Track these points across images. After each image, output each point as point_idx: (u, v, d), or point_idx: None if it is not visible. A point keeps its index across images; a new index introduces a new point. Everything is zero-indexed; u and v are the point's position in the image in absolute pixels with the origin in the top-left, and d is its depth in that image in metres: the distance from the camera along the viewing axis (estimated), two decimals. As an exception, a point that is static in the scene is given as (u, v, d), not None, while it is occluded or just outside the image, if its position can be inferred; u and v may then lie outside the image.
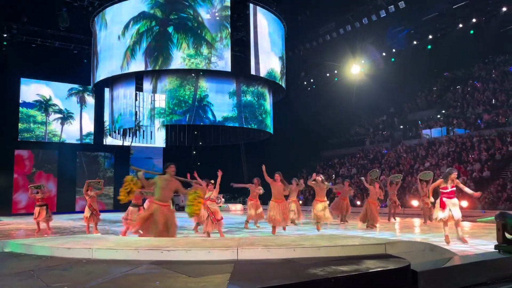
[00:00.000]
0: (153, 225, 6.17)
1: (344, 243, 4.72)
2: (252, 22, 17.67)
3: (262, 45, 18.34)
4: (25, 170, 23.03)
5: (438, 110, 24.49)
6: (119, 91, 18.70)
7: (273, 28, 19.02)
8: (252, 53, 17.73)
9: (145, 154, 27.11)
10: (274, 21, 19.22)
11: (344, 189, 13.58)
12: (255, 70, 17.99)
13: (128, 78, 18.32)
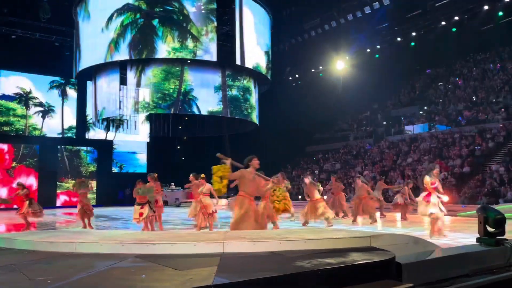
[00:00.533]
0: (246, 220, 6.08)
1: (330, 236, 4.75)
2: (238, 16, 17.58)
3: (248, 39, 18.28)
4: (5, 164, 22.55)
5: (420, 107, 24.84)
6: (102, 82, 18.39)
7: (259, 22, 18.97)
8: (237, 45, 17.65)
9: (129, 149, 26.81)
10: (260, 15, 19.15)
11: (332, 185, 13.55)
12: (240, 61, 17.90)
13: (111, 68, 18.02)
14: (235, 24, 17.66)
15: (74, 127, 25.00)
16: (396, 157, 21.80)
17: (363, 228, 10.23)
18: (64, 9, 19.85)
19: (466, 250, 4.67)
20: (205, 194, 9.31)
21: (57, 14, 19.97)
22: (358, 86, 25.30)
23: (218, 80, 18.90)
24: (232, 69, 18.83)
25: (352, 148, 25.53)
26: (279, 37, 25.11)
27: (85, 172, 25.24)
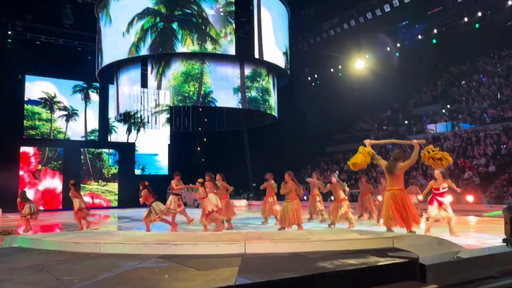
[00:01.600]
0: (394, 211, 6.39)
1: (352, 237, 4.73)
2: (256, 17, 17.62)
3: (266, 40, 18.29)
4: (31, 167, 23.15)
5: (443, 105, 24.38)
6: (124, 79, 18.76)
7: (277, 22, 18.94)
8: (256, 46, 17.67)
9: (150, 151, 27.19)
10: (278, 13, 19.07)
11: (362, 186, 13.35)
12: (259, 56, 17.92)
13: (133, 65, 18.30)
14: (254, 26, 17.70)
15: (96, 130, 25.49)
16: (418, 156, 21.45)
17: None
18: (86, 15, 20.25)
19: (492, 251, 4.57)
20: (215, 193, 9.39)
21: (79, 20, 20.40)
22: (378, 85, 24.99)
23: (237, 82, 18.97)
24: (251, 69, 18.83)
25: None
26: (298, 37, 25.05)
27: (107, 174, 25.71)
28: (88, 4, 19.92)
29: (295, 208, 9.03)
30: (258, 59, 18.15)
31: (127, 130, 26.53)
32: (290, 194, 9.13)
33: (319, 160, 27.49)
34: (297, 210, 9.04)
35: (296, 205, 9.08)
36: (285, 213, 9.08)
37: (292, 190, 9.12)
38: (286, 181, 9.12)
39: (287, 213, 9.03)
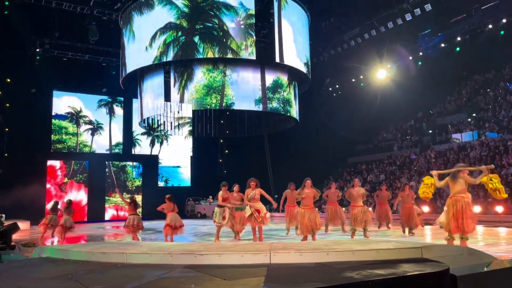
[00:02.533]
0: (451, 217, 6.92)
1: (379, 247, 4.63)
2: (277, 30, 17.73)
3: (287, 51, 18.34)
4: (57, 180, 23.68)
5: (468, 114, 23.87)
6: (147, 86, 19.12)
7: (298, 34, 18.98)
8: (277, 53, 17.73)
9: (173, 163, 27.49)
10: (299, 22, 19.11)
11: (381, 194, 13.23)
12: (279, 59, 17.96)
13: (156, 72, 18.63)
14: (275, 38, 17.79)
15: (121, 143, 25.96)
16: (443, 166, 21.00)
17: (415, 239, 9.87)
18: (111, 31, 20.82)
19: (526, 262, 4.42)
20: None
21: (104, 36, 20.99)
22: (401, 95, 24.68)
23: (259, 93, 19.07)
24: (272, 79, 18.86)
25: (397, 158, 24.85)
26: (319, 48, 25.07)
27: (131, 186, 26.06)
28: (113, 21, 20.46)
29: (315, 215, 9.23)
30: (278, 63, 18.18)
31: (151, 143, 26.92)
32: (309, 201, 9.20)
33: (342, 170, 27.23)
34: (317, 217, 9.27)
35: (315, 212, 9.36)
36: (306, 220, 9.16)
37: (311, 197, 9.21)
38: (306, 187, 9.24)
39: (308, 221, 9.12)
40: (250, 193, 9.27)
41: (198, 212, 25.04)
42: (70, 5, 19.12)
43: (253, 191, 9.25)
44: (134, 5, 17.79)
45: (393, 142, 26.99)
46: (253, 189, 9.25)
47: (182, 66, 17.64)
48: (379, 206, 13.08)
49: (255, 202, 9.25)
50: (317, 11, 21.54)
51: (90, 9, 19.58)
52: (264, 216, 9.28)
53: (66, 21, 20.57)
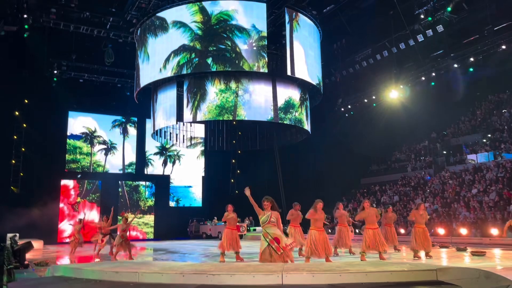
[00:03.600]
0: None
1: (393, 269, 4.56)
2: (289, 51, 17.91)
3: (299, 68, 18.45)
4: (70, 200, 23.89)
5: (483, 134, 23.58)
6: (161, 99, 19.34)
7: (310, 50, 19.11)
8: (288, 70, 17.84)
9: (185, 183, 27.57)
10: (311, 42, 19.26)
11: (387, 216, 13.09)
12: (291, 73, 18.03)
13: (170, 90, 18.86)
14: (286, 59, 17.93)
15: (134, 163, 26.19)
16: (459, 188, 20.68)
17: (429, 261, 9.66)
18: (126, 53, 21.29)
19: (546, 285, 4.29)
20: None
21: (119, 58, 21.47)
22: (414, 115, 24.53)
23: (271, 114, 19.19)
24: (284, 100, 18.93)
25: (411, 179, 24.55)
26: (331, 69, 25.22)
27: (144, 206, 26.14)
28: (128, 43, 20.94)
29: (325, 237, 9.01)
30: (290, 76, 18.28)
31: (163, 163, 27.13)
32: (319, 223, 9.04)
33: (355, 191, 26.98)
34: (327, 240, 9.02)
35: (325, 234, 9.08)
36: (317, 243, 8.89)
37: (322, 219, 9.08)
38: (318, 209, 8.97)
39: (319, 243, 8.87)
40: (263, 215, 6.98)
41: (203, 232, 25.01)
42: (87, 29, 19.66)
43: (268, 213, 6.98)
44: (149, 27, 18.17)
45: (406, 163, 26.71)
46: (268, 211, 7.00)
47: (196, 87, 17.87)
48: (384, 228, 12.85)
49: (271, 228, 6.87)
50: (329, 32, 21.77)
51: (106, 32, 20.09)
52: (287, 247, 6.83)
53: (83, 44, 21.14)
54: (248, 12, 17.08)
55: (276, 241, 6.74)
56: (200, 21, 16.97)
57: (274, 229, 6.92)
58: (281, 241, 6.80)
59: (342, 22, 22.28)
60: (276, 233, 6.88)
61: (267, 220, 6.98)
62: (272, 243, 6.73)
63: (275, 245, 6.70)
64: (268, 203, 7.14)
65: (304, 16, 18.65)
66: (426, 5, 18.42)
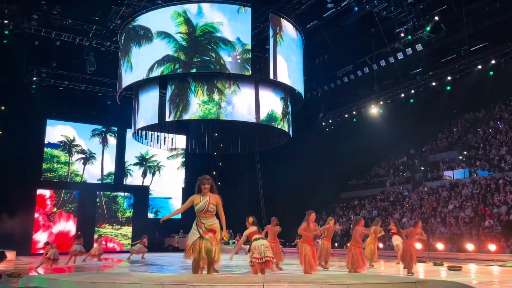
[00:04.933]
0: None
1: (373, 281, 4.58)
2: (272, 64, 18.05)
3: (281, 74, 18.59)
4: (46, 210, 23.30)
5: (459, 152, 24.14)
6: (143, 98, 19.09)
7: (293, 68, 19.30)
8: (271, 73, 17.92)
9: (164, 194, 27.26)
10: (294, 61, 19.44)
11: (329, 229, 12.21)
12: (273, 77, 18.01)
13: (152, 85, 18.68)
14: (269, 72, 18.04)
15: (113, 173, 25.80)
16: (436, 203, 21.04)
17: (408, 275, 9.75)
18: (108, 62, 21.07)
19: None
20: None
21: (101, 67, 21.24)
22: (393, 131, 24.99)
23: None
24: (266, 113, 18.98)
25: (389, 194, 24.88)
26: (312, 84, 25.53)
27: (122, 217, 25.69)
28: (110, 53, 20.77)
29: (313, 251, 8.94)
30: (273, 88, 18.31)
31: (143, 174, 26.81)
32: (312, 237, 9.00)
33: (335, 205, 27.15)
34: (314, 254, 8.96)
35: (313, 248, 9.01)
36: (310, 259, 8.70)
37: (314, 233, 9.09)
38: (310, 221, 8.87)
39: (311, 258, 8.73)
40: (199, 202, 6.03)
41: (169, 245, 25.29)
42: (69, 36, 19.45)
43: (205, 198, 6.04)
44: (133, 36, 18.09)
45: (385, 178, 27.08)
46: (206, 195, 6.05)
47: (178, 97, 17.80)
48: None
49: (209, 218, 6.07)
50: (311, 48, 22.07)
51: (88, 40, 19.90)
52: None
53: (64, 51, 20.86)
54: (233, 25, 17.20)
55: (212, 233, 5.92)
56: (185, 32, 16.99)
57: (212, 220, 6.03)
58: (217, 233, 5.96)
59: (324, 38, 22.66)
60: (214, 225, 6.01)
61: (205, 208, 5.97)
62: (206, 234, 5.85)
63: (209, 236, 5.84)
64: (207, 185, 6.04)
65: (288, 30, 18.84)
66: (406, 24, 18.89)
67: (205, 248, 5.75)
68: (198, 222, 5.98)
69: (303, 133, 25.73)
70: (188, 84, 17.87)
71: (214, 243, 5.81)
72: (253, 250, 7.75)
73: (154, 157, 26.98)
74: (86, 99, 23.43)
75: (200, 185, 6.09)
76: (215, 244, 5.82)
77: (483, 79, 21.25)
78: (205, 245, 5.77)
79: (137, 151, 26.50)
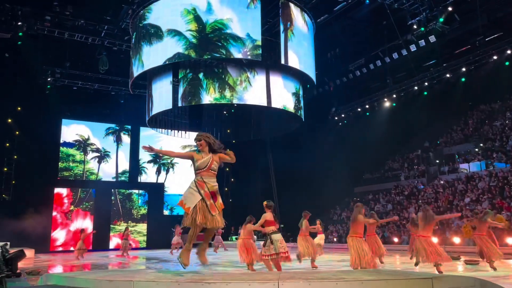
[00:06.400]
0: None
1: (388, 277, 4.56)
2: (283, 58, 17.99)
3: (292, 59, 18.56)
4: (63, 208, 23.67)
5: (476, 144, 23.78)
6: (157, 85, 19.32)
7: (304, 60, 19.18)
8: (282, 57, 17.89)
9: (179, 191, 27.43)
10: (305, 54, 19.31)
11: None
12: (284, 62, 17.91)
13: (165, 73, 18.87)
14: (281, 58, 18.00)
15: (127, 171, 26.05)
16: (452, 197, 20.79)
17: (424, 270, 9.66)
18: (120, 61, 21.26)
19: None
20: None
21: (113, 66, 21.44)
22: (407, 124, 24.71)
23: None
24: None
25: (404, 188, 24.65)
26: (324, 78, 25.38)
27: (137, 215, 25.96)
28: (122, 52, 20.93)
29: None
30: (284, 65, 18.12)
31: (157, 171, 27.02)
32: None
33: (349, 200, 27.02)
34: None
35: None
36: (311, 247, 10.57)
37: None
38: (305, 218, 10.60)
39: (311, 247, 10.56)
40: (200, 159, 5.38)
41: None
42: (82, 36, 19.64)
43: (207, 156, 5.40)
44: (144, 35, 18.19)
45: (400, 171, 26.84)
46: (206, 153, 5.43)
47: (190, 96, 17.93)
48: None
49: (212, 178, 5.42)
50: (323, 42, 21.92)
51: (101, 40, 20.09)
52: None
53: (77, 51, 21.10)
54: (242, 21, 17.18)
55: (213, 197, 5.20)
56: (195, 29, 17.02)
57: (214, 180, 5.34)
58: (218, 200, 5.27)
59: (336, 32, 22.48)
60: (216, 186, 5.33)
61: (207, 165, 5.27)
62: (208, 197, 5.15)
63: (210, 202, 5.15)
64: (202, 141, 5.36)
65: (298, 25, 18.72)
66: (418, 16, 18.64)
67: (210, 216, 5.07)
68: (199, 181, 5.21)
69: (316, 128, 25.63)
70: (199, 82, 17.95)
71: (217, 213, 5.14)
72: (269, 245, 7.71)
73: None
74: (99, 98, 23.72)
75: (196, 141, 5.40)
76: (219, 214, 5.18)
77: (499, 70, 20.86)
78: (204, 210, 5.06)
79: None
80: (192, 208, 5.06)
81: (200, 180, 5.22)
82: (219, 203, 5.20)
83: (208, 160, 5.25)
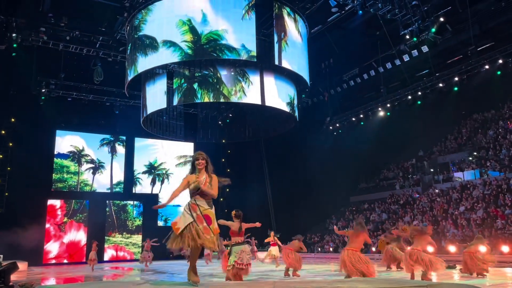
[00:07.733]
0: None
1: (384, 285, 4.55)
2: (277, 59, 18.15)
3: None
4: (57, 220, 23.44)
5: (469, 153, 23.90)
6: (150, 88, 19.34)
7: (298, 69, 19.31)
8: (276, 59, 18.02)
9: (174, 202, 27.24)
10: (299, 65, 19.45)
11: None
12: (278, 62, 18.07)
13: (159, 76, 19.03)
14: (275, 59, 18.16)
15: (122, 182, 25.90)
16: (447, 205, 20.83)
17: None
18: (115, 72, 21.26)
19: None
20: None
21: (108, 77, 21.44)
22: (401, 134, 24.82)
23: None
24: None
25: (399, 197, 24.67)
26: (318, 88, 25.53)
27: (131, 226, 25.76)
28: (117, 62, 20.97)
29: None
30: (278, 66, 18.25)
31: (151, 182, 26.89)
32: None
33: (344, 209, 27.00)
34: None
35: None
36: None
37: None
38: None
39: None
40: (195, 181, 5.35)
41: (183, 252, 24.85)
42: (76, 47, 19.66)
43: (203, 176, 5.39)
44: (139, 46, 18.25)
45: (395, 180, 26.90)
46: (202, 173, 5.41)
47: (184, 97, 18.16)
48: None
49: (205, 202, 5.38)
50: (317, 52, 22.08)
51: (96, 51, 20.11)
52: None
53: (72, 62, 21.11)
54: (237, 32, 17.31)
55: (207, 220, 5.08)
56: (190, 40, 17.12)
57: (208, 203, 5.24)
58: (214, 224, 5.12)
59: (329, 42, 22.68)
60: (209, 210, 5.20)
61: (200, 189, 5.20)
62: (200, 221, 5.04)
63: (203, 226, 5.02)
64: (201, 161, 5.29)
65: (292, 35, 18.87)
66: (411, 26, 18.86)
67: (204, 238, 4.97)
68: (192, 203, 5.14)
69: (311, 138, 25.69)
70: (194, 92, 18.02)
71: (210, 236, 5.01)
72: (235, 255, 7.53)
73: (163, 165, 27.08)
74: (94, 109, 23.65)
75: (194, 161, 5.32)
76: (212, 236, 5.04)
77: (491, 79, 21.07)
78: (194, 233, 4.95)
79: (146, 159, 26.63)
80: (182, 230, 5.03)
81: (193, 203, 5.19)
82: (214, 227, 5.09)
83: (202, 182, 5.18)
